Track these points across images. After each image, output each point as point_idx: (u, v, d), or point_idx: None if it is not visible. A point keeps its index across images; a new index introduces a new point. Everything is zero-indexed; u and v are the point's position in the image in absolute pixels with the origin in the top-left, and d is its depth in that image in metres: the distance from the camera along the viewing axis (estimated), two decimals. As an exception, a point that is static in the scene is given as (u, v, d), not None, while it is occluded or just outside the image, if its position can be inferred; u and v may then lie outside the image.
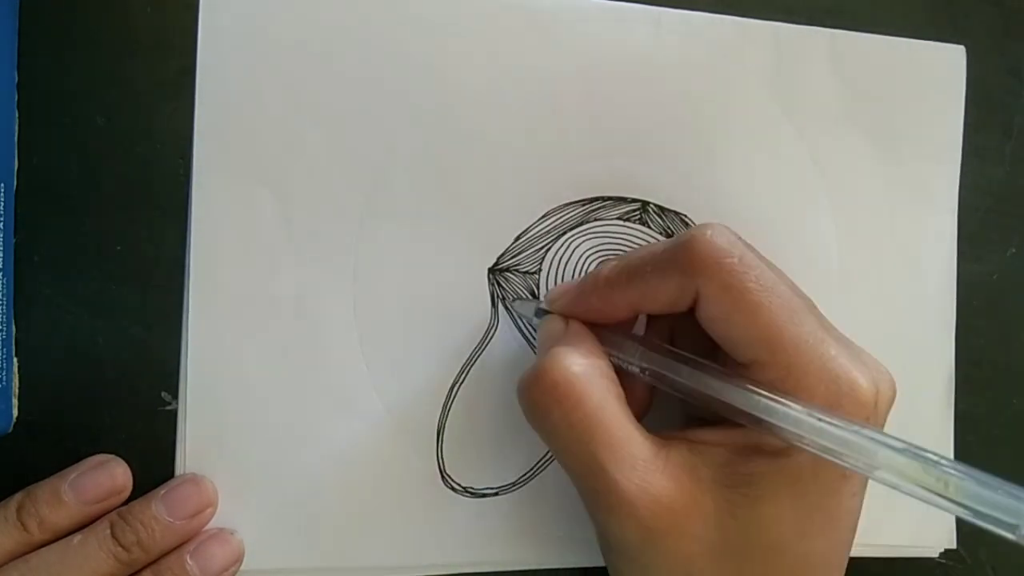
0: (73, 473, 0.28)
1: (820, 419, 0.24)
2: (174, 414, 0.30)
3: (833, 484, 0.26)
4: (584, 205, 0.32)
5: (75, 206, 0.29)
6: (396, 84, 0.31)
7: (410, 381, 0.31)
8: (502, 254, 0.32)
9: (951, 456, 0.36)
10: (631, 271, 0.27)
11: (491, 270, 0.32)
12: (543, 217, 0.32)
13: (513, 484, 0.32)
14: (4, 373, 0.28)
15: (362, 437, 0.31)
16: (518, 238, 0.32)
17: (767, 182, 0.34)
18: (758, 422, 0.25)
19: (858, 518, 0.27)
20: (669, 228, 0.33)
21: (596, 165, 0.32)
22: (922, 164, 0.35)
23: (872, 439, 0.23)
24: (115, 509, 0.28)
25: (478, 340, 0.32)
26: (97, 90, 0.29)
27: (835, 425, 0.24)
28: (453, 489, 0.32)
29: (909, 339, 0.35)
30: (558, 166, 0.32)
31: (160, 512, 0.28)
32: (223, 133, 0.29)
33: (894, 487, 0.23)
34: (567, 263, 0.32)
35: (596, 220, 0.32)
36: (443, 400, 0.31)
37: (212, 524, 0.29)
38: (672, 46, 0.33)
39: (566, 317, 0.29)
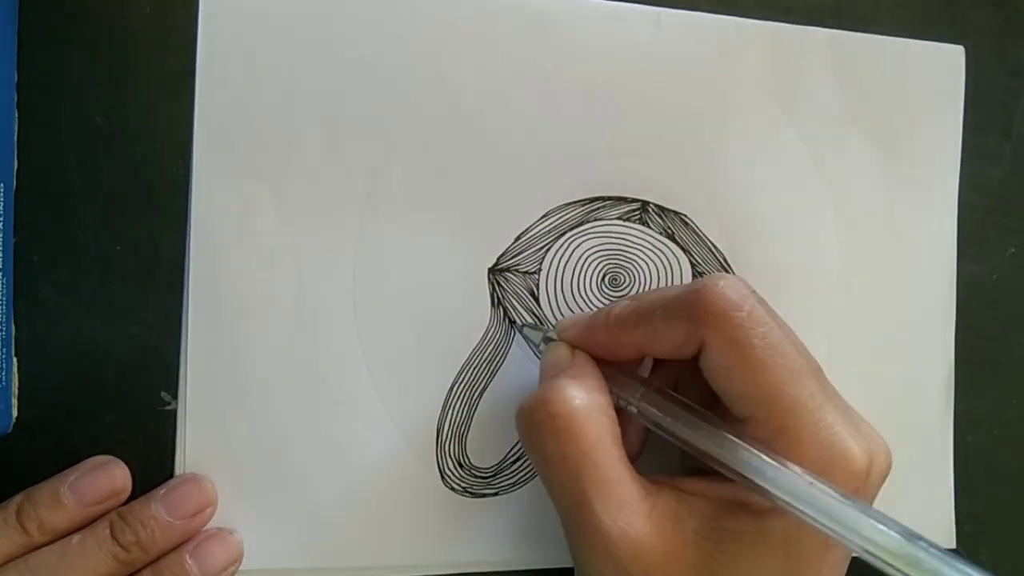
0: (72, 475, 0.28)
1: (808, 483, 0.24)
2: (174, 414, 0.30)
3: (816, 552, 0.26)
4: (584, 205, 0.32)
5: (75, 206, 0.29)
6: (396, 84, 0.31)
7: (410, 381, 0.31)
8: (502, 254, 0.32)
9: (951, 455, 0.36)
10: (641, 313, 0.27)
11: (491, 270, 0.32)
12: (543, 217, 0.32)
13: (513, 484, 0.32)
14: (4, 373, 0.28)
15: (362, 437, 0.31)
16: (518, 238, 0.32)
17: (767, 182, 0.34)
18: (746, 479, 0.25)
19: None
20: (669, 228, 0.33)
21: (596, 165, 0.32)
22: (922, 164, 0.35)
23: (858, 511, 0.23)
24: (114, 509, 0.28)
25: (478, 340, 0.32)
26: (97, 90, 0.29)
27: (822, 492, 0.23)
28: (453, 489, 0.32)
29: (909, 339, 0.36)
30: (558, 166, 0.32)
31: (159, 512, 0.28)
32: (223, 133, 0.29)
33: (873, 564, 0.23)
34: (567, 263, 0.32)
35: (596, 220, 0.32)
36: (443, 400, 0.31)
37: (212, 524, 0.29)
38: (672, 46, 0.33)
39: (574, 349, 0.29)
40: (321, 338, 0.30)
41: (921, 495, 0.35)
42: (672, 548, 0.25)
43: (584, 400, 0.26)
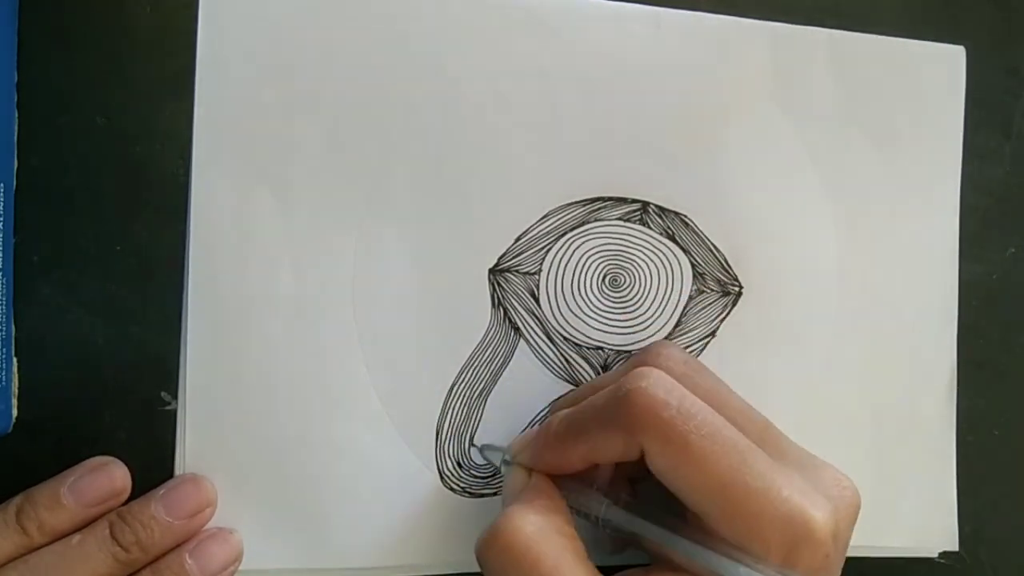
0: (72, 476, 0.28)
1: None
2: (174, 414, 0.30)
3: None
4: (585, 205, 0.32)
5: (75, 206, 0.29)
6: (396, 84, 0.31)
7: (409, 381, 0.31)
8: (503, 255, 0.32)
9: (953, 455, 0.36)
10: (577, 428, 0.27)
11: (492, 271, 0.32)
12: (544, 218, 0.32)
13: (513, 484, 0.32)
14: (4, 373, 0.28)
15: (361, 437, 0.31)
16: (519, 239, 0.32)
17: (767, 182, 0.34)
18: None
19: None
20: (669, 228, 0.33)
21: (596, 165, 0.32)
22: (922, 164, 0.35)
23: None
24: (114, 510, 0.28)
25: (478, 341, 0.32)
26: (97, 90, 0.29)
27: None
28: (452, 490, 0.32)
29: (909, 339, 0.35)
30: (558, 166, 0.32)
31: (159, 512, 0.28)
32: (223, 133, 0.29)
33: None
34: (568, 264, 0.32)
35: (597, 220, 0.32)
36: (442, 400, 0.31)
37: (211, 524, 0.29)
38: (672, 46, 0.33)
39: (529, 470, 0.29)
40: (321, 338, 0.30)
41: (923, 495, 0.35)
42: None
43: (536, 525, 0.26)
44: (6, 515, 0.27)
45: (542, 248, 0.32)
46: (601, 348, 0.33)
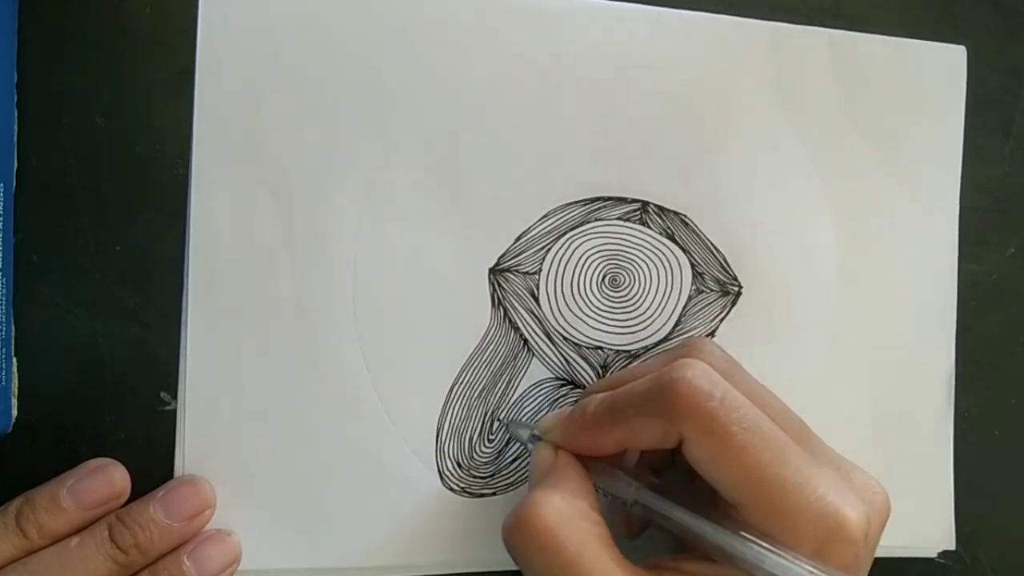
0: (71, 479, 0.28)
1: (806, 570, 0.24)
2: (173, 414, 0.30)
3: None
4: (584, 205, 0.32)
5: (75, 206, 0.29)
6: (396, 84, 0.31)
7: (409, 381, 0.31)
8: (503, 254, 0.32)
9: (951, 456, 0.36)
10: (615, 412, 0.27)
11: (492, 270, 0.32)
12: (543, 217, 0.32)
13: (510, 484, 0.32)
14: (4, 373, 0.28)
15: (361, 437, 0.31)
16: (519, 238, 0.32)
17: (767, 182, 0.34)
18: (736, 565, 0.25)
19: None
20: (669, 228, 0.33)
21: (596, 165, 0.32)
22: (922, 164, 0.35)
23: None
24: (113, 512, 0.28)
25: (478, 341, 0.32)
26: (97, 90, 0.29)
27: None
28: (452, 490, 0.32)
29: (909, 339, 0.35)
30: (558, 166, 0.32)
31: (158, 514, 0.28)
32: (222, 133, 0.29)
33: None
34: (567, 263, 0.32)
35: (597, 220, 0.32)
36: (442, 400, 0.31)
37: (211, 524, 0.29)
38: (672, 46, 0.33)
39: (557, 448, 0.29)
40: (321, 338, 0.30)
41: (921, 495, 0.35)
42: None
43: (562, 511, 0.26)
44: (5, 518, 0.27)
45: (542, 248, 0.32)
46: (601, 348, 0.33)
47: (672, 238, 0.33)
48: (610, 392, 0.28)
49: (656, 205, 0.33)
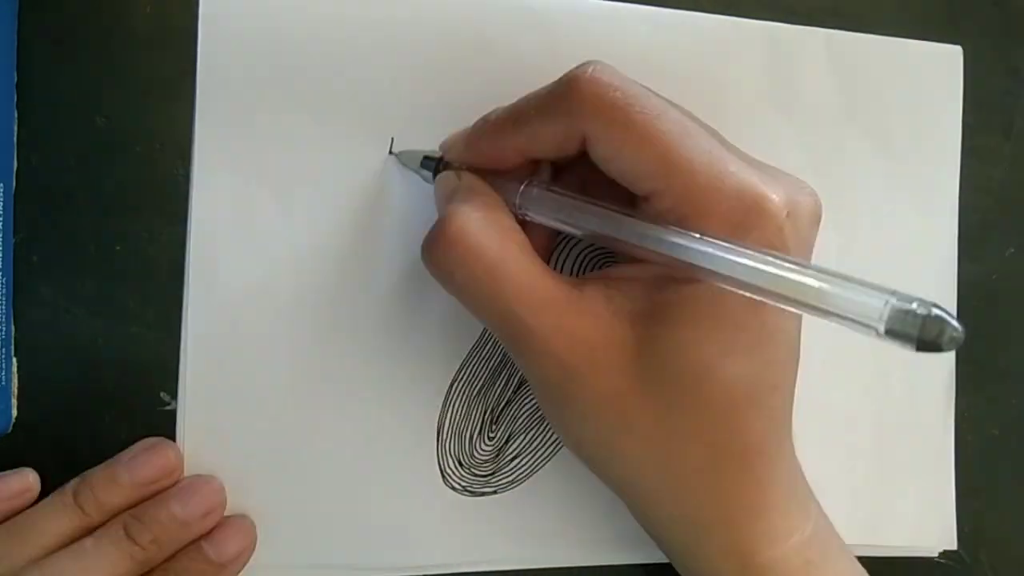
0: (127, 456, 0.28)
1: (702, 241, 0.23)
2: (173, 414, 0.30)
3: (753, 304, 0.24)
4: (584, 205, 0.32)
5: (75, 206, 0.29)
6: (395, 84, 0.31)
7: (410, 380, 0.31)
8: (502, 254, 0.32)
9: (951, 455, 0.36)
10: (516, 116, 0.27)
11: (491, 270, 0.32)
12: (542, 217, 0.32)
13: (511, 483, 0.32)
14: (3, 373, 0.28)
15: (362, 436, 0.31)
16: (517, 237, 0.32)
17: (767, 182, 0.34)
18: (652, 254, 0.24)
19: (796, 338, 0.26)
20: (669, 228, 0.33)
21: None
22: (921, 164, 0.35)
23: (763, 263, 0.22)
24: (130, 507, 0.28)
25: (476, 337, 0.32)
26: (97, 90, 0.29)
27: (724, 250, 0.23)
28: (454, 488, 0.32)
29: (909, 339, 0.35)
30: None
31: (176, 510, 0.28)
32: (223, 133, 0.29)
33: (769, 303, 0.22)
34: (565, 262, 0.32)
35: (595, 220, 0.32)
36: (443, 399, 0.31)
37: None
38: (671, 46, 0.33)
39: (458, 171, 0.28)
40: (320, 338, 0.30)
41: (922, 495, 0.35)
42: (610, 332, 0.25)
43: (477, 219, 0.25)
44: (63, 496, 0.27)
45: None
46: (601, 348, 0.33)
47: (672, 238, 0.33)
48: (514, 102, 0.27)
49: (655, 205, 0.33)
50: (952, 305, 0.36)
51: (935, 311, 0.20)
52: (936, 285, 0.36)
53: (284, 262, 0.30)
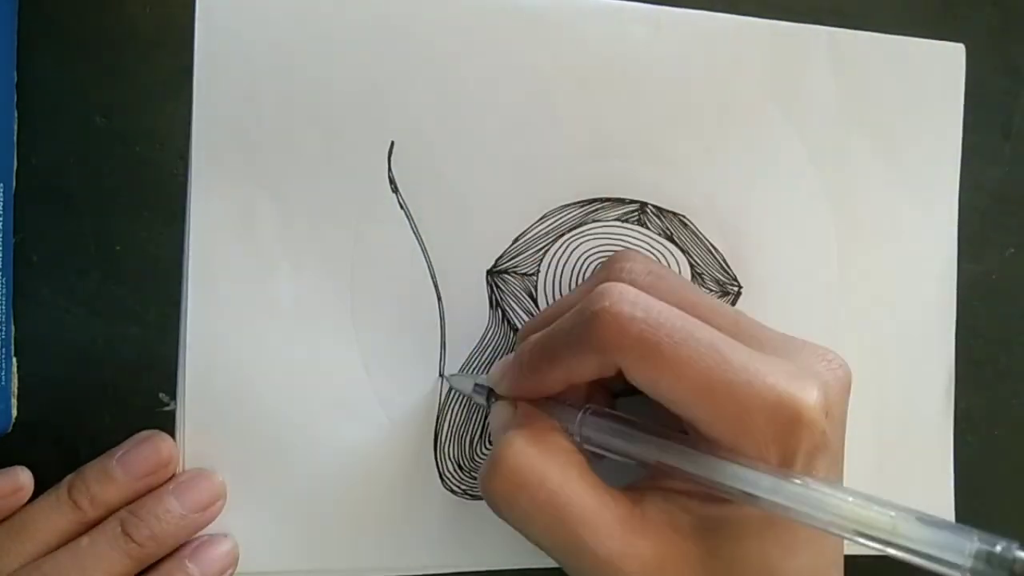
0: (120, 451, 0.28)
1: (757, 473, 0.23)
2: (172, 415, 0.30)
3: (793, 536, 0.25)
4: (582, 206, 0.32)
5: (75, 206, 0.29)
6: (394, 85, 0.31)
7: (408, 383, 0.31)
8: (500, 256, 0.32)
9: (951, 456, 0.36)
10: (548, 353, 0.27)
11: (489, 272, 0.32)
12: (541, 219, 0.32)
13: (511, 484, 0.32)
14: (3, 373, 0.28)
15: (361, 439, 0.31)
16: (516, 240, 0.32)
17: (766, 182, 0.34)
18: (695, 480, 0.25)
19: None
20: (668, 229, 0.33)
21: (595, 166, 0.32)
22: (922, 164, 0.35)
23: (806, 488, 0.23)
24: (127, 503, 0.28)
25: (476, 342, 0.32)
26: (96, 90, 0.29)
27: (769, 478, 0.23)
28: (453, 491, 0.32)
29: (909, 339, 0.35)
30: (556, 167, 0.32)
31: (173, 505, 0.28)
32: (221, 134, 0.29)
33: (843, 537, 0.23)
34: (565, 265, 0.32)
35: (595, 221, 0.32)
36: (442, 401, 0.31)
37: (210, 528, 0.29)
38: (672, 46, 0.33)
39: (513, 400, 0.28)
40: (319, 339, 0.30)
41: (922, 495, 0.35)
42: (675, 549, 0.25)
43: (536, 445, 0.26)
44: (59, 492, 0.27)
45: (540, 249, 0.32)
46: (600, 348, 0.33)
47: (671, 239, 0.33)
48: (541, 334, 0.27)
49: (654, 206, 0.33)
50: (951, 305, 0.36)
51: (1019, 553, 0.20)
52: (936, 285, 0.36)
53: (282, 262, 0.30)
